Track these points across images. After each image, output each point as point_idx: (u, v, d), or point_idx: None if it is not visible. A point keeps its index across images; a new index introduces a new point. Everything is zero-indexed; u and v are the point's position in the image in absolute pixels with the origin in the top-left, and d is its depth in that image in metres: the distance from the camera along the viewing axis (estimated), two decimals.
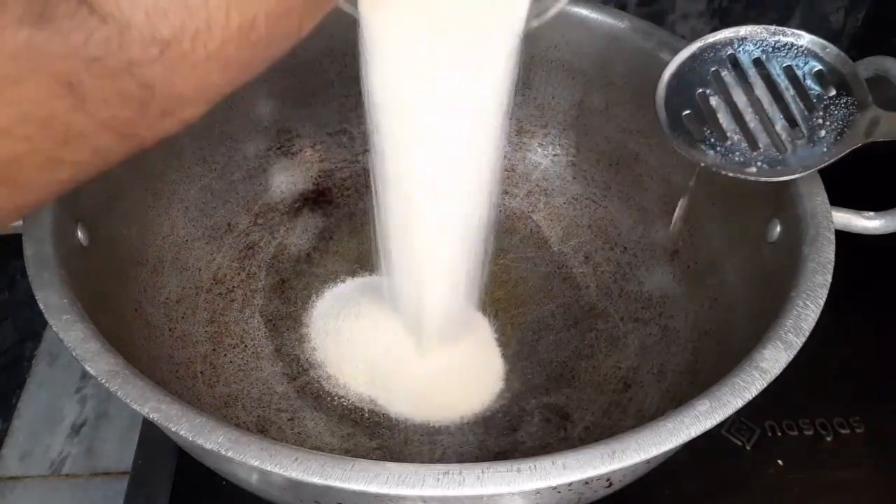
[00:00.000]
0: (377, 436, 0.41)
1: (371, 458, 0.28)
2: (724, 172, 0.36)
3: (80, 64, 0.19)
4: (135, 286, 0.41)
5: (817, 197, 0.37)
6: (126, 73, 0.20)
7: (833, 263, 0.34)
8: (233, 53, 0.21)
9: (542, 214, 0.51)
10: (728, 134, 0.37)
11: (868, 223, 0.37)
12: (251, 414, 0.41)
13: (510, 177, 0.53)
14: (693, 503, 0.42)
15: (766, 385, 0.29)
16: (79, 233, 0.36)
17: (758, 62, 0.38)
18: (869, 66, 0.39)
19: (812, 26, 0.61)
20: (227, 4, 0.20)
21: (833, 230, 0.35)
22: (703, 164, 0.36)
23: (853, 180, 0.39)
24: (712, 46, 0.38)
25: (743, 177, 0.36)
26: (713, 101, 0.37)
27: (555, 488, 0.27)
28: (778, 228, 0.38)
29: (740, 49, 0.38)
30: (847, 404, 0.45)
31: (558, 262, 0.49)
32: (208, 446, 0.27)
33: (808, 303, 0.32)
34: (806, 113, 0.37)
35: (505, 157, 0.53)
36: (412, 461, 0.40)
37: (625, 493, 0.32)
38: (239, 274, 0.47)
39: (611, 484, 0.30)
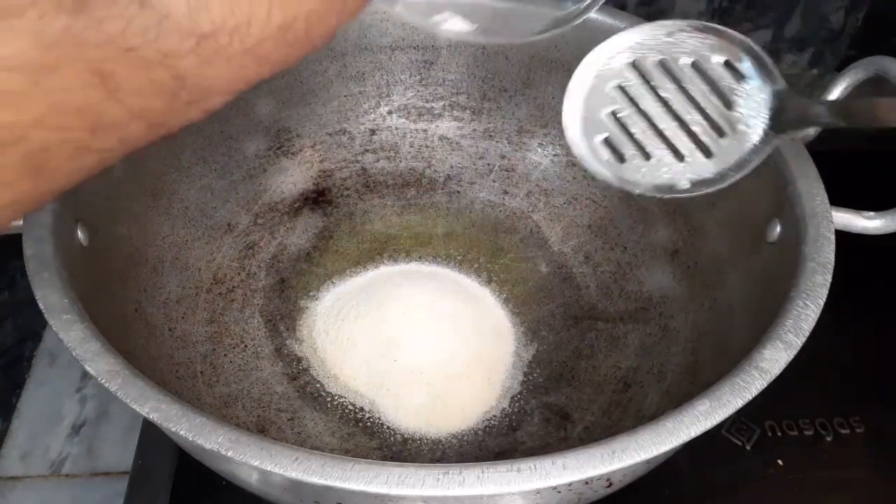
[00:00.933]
0: (377, 436, 0.41)
1: (371, 458, 0.28)
2: (659, 196, 0.34)
3: (117, 53, 0.19)
4: (135, 286, 0.41)
5: (817, 197, 0.37)
6: (160, 64, 0.19)
7: (833, 263, 0.34)
8: (269, 51, 0.21)
9: (542, 214, 0.51)
10: (649, 150, 0.34)
11: (868, 223, 0.37)
12: (251, 414, 0.41)
13: (510, 177, 0.53)
14: (693, 503, 0.42)
15: (766, 385, 0.29)
16: (79, 233, 0.36)
17: (661, 64, 0.35)
18: (869, 66, 0.39)
19: (812, 26, 0.61)
20: (269, 3, 0.20)
21: (833, 230, 0.35)
22: (637, 193, 0.34)
23: (853, 180, 0.39)
24: (607, 60, 0.35)
25: (677, 196, 0.34)
26: (625, 118, 0.34)
27: (555, 488, 0.27)
28: (778, 228, 0.38)
29: (638, 55, 0.35)
30: (847, 404, 0.45)
31: (558, 262, 0.49)
32: (208, 446, 0.27)
33: (808, 303, 0.32)
34: (723, 108, 0.34)
35: (505, 157, 0.53)
36: (412, 461, 0.40)
37: (625, 493, 0.32)
38: (239, 274, 0.47)
39: (611, 484, 0.30)
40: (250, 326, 0.45)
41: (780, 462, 0.43)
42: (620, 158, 0.34)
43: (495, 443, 0.41)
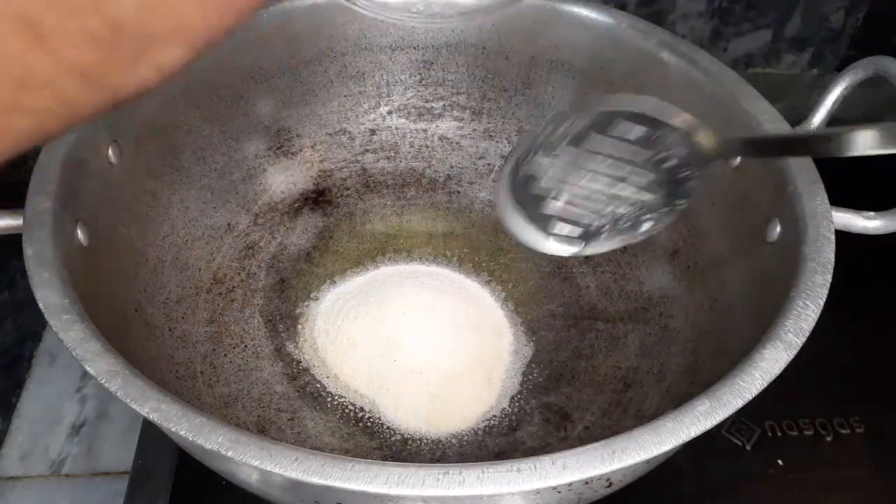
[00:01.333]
0: (377, 436, 0.41)
1: (371, 458, 0.28)
2: (633, 242, 0.34)
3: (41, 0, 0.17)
4: (135, 286, 0.41)
5: (817, 197, 0.37)
6: (92, 11, 0.18)
7: (833, 263, 0.34)
8: None
9: None
10: (603, 210, 0.34)
11: (868, 223, 0.37)
12: (251, 414, 0.41)
13: None
14: (693, 503, 0.42)
15: (766, 385, 0.29)
16: (79, 233, 0.36)
17: (571, 144, 0.34)
18: (869, 66, 0.39)
19: (812, 26, 0.61)
20: None
21: (833, 230, 0.35)
22: (606, 250, 0.35)
23: (853, 180, 0.39)
24: (518, 167, 0.35)
25: (644, 237, 0.34)
26: (566, 195, 0.34)
27: (555, 488, 0.27)
28: (778, 228, 0.38)
29: (547, 145, 0.34)
30: (847, 404, 0.45)
31: (558, 262, 0.49)
32: (208, 446, 0.27)
33: (808, 303, 0.32)
34: (646, 154, 0.33)
35: (505, 157, 0.53)
36: (412, 461, 0.40)
37: (625, 493, 0.32)
38: (239, 274, 0.47)
39: (611, 484, 0.30)
40: (250, 326, 0.45)
41: (780, 462, 0.43)
42: (577, 227, 0.34)
43: (495, 443, 0.41)
